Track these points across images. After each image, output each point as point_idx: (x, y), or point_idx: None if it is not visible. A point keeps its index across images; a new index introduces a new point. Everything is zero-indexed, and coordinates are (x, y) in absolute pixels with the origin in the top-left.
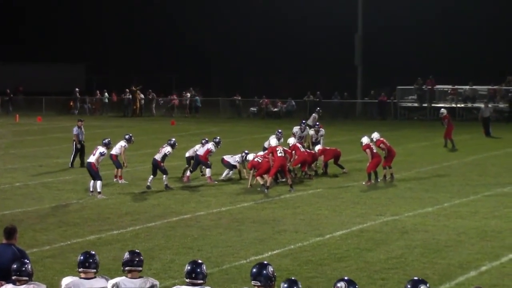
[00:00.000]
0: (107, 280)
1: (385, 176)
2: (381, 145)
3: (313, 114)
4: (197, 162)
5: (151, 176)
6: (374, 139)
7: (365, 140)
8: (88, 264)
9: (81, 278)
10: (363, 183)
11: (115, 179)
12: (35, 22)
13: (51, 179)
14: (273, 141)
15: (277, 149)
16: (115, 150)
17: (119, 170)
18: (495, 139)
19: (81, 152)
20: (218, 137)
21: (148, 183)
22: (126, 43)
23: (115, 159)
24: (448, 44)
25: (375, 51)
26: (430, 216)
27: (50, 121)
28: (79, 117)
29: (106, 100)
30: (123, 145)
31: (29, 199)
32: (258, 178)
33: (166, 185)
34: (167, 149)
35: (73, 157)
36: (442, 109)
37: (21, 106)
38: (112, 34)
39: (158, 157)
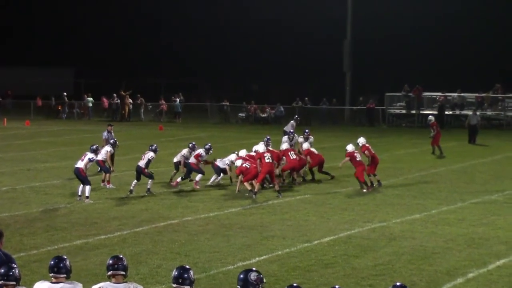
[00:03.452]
0: (76, 285)
1: (372, 183)
2: (366, 151)
3: (291, 121)
4: (189, 170)
5: (135, 181)
6: (360, 144)
7: (349, 148)
8: (57, 269)
9: (52, 282)
10: (364, 190)
11: (102, 184)
12: (24, 26)
13: (39, 183)
14: (260, 147)
15: (265, 155)
16: (101, 156)
17: (107, 175)
18: (483, 146)
19: (112, 155)
20: (209, 144)
21: (131, 188)
22: (115, 47)
23: (102, 164)
24: (437, 51)
25: (363, 58)
26: (418, 223)
27: (38, 125)
28: (67, 121)
29: (90, 104)
30: (108, 150)
31: (16, 203)
32: (246, 184)
33: (149, 189)
34: (149, 154)
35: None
36: (430, 116)
37: (9, 110)
38: (101, 39)
39: (142, 163)
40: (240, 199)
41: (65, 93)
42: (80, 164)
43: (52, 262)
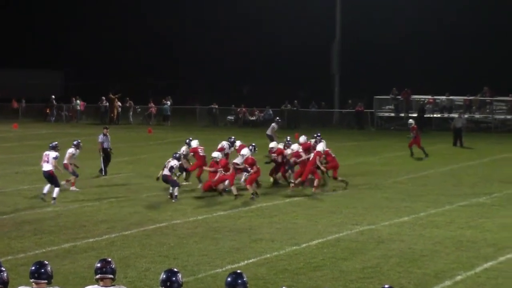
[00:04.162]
0: None
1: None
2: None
3: (272, 124)
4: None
5: (171, 188)
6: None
7: (319, 147)
8: (38, 275)
9: None
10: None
11: (64, 182)
12: (13, 28)
13: (27, 186)
14: (245, 150)
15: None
16: (66, 159)
17: (73, 177)
18: (471, 149)
19: (107, 159)
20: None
21: (174, 194)
22: (104, 50)
23: (67, 168)
24: (426, 54)
25: (352, 61)
26: (406, 225)
27: (26, 128)
28: (56, 124)
29: (78, 107)
30: (70, 151)
31: (4, 206)
32: (248, 186)
33: (176, 196)
34: (173, 162)
35: (103, 165)
36: (410, 120)
37: None
38: (90, 42)
39: (166, 172)
40: (229, 203)
41: (53, 96)
42: (48, 167)
43: (33, 268)
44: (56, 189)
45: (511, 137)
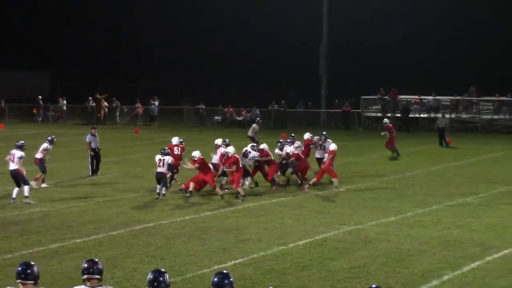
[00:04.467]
0: None
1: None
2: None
3: (253, 124)
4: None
5: (158, 186)
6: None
7: (332, 147)
8: (24, 276)
9: None
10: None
11: (33, 182)
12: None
13: (13, 187)
14: (230, 148)
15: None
16: (38, 154)
17: (43, 174)
18: (457, 149)
19: (96, 159)
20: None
21: (162, 193)
22: (91, 50)
23: (38, 162)
24: (413, 54)
25: (339, 61)
26: (393, 225)
27: (13, 128)
28: (42, 125)
29: (65, 108)
30: (44, 146)
31: None
32: (239, 189)
33: (164, 194)
34: (168, 159)
35: (90, 165)
36: (385, 119)
37: None
38: (77, 42)
39: (163, 169)
40: (216, 203)
41: (40, 96)
42: (14, 166)
43: (20, 269)
44: (26, 187)
45: (498, 137)
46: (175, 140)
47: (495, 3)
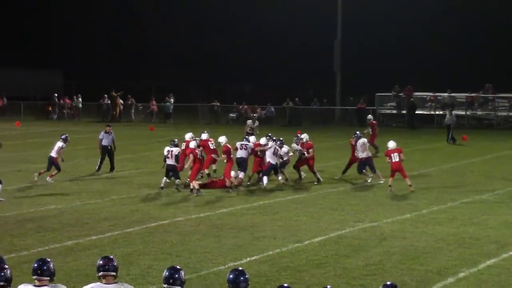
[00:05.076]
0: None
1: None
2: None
3: (248, 121)
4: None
5: (164, 178)
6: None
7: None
8: (40, 272)
9: (35, 286)
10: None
11: (49, 178)
12: (14, 28)
13: (29, 184)
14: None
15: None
16: (53, 152)
17: (56, 172)
18: (473, 146)
19: (109, 156)
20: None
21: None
22: (106, 49)
23: (56, 162)
24: (428, 51)
25: (354, 58)
26: (409, 222)
27: (28, 126)
28: (58, 122)
29: (80, 105)
30: (59, 145)
31: (7, 204)
32: (232, 180)
33: (178, 184)
34: (176, 150)
35: (99, 162)
36: (369, 116)
37: None
38: (92, 40)
39: (172, 161)
40: (231, 200)
41: (55, 94)
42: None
43: (36, 265)
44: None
45: None
46: (188, 136)
47: None
